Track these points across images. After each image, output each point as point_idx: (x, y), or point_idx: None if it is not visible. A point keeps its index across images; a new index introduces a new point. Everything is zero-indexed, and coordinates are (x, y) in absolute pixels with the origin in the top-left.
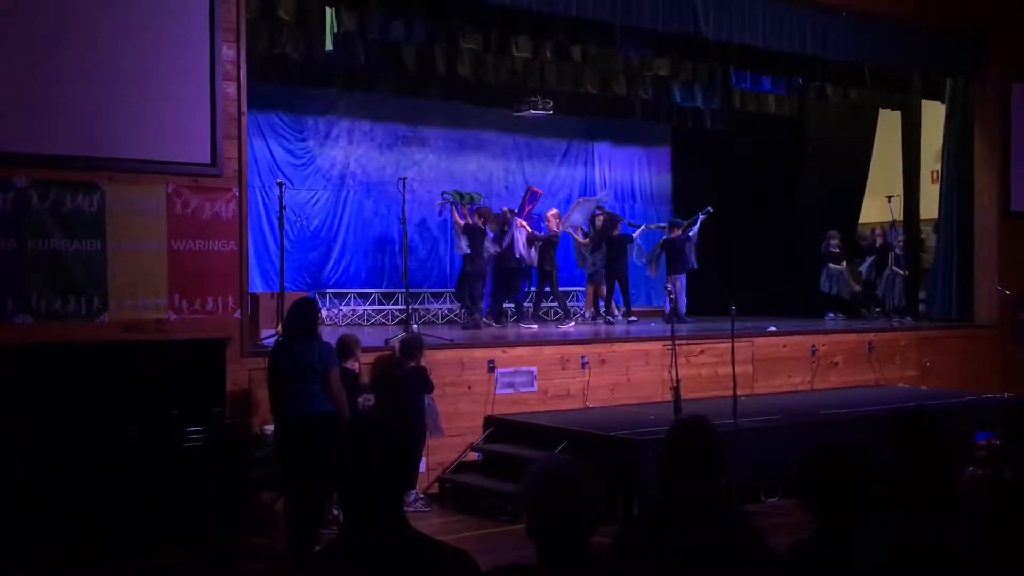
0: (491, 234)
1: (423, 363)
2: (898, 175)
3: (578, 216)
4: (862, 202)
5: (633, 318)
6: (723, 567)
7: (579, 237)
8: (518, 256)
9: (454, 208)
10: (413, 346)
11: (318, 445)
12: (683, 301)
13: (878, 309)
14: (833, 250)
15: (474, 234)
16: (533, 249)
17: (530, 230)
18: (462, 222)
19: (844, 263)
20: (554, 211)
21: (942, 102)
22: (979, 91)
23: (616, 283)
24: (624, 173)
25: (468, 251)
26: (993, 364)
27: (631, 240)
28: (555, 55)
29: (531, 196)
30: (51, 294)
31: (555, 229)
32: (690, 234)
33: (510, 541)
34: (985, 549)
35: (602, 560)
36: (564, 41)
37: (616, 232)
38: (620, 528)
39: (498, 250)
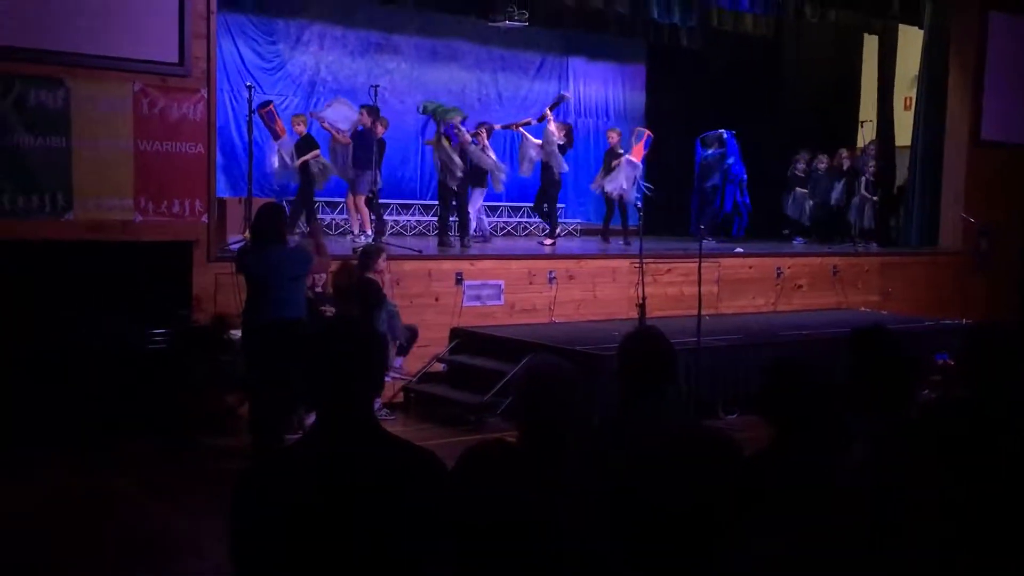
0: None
1: (376, 274)
2: (873, 100)
3: (332, 115)
4: (844, 126)
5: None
6: (678, 465)
7: (336, 133)
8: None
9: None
10: (367, 256)
11: (286, 350)
12: (474, 221)
13: (850, 238)
14: (799, 174)
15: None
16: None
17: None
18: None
19: (809, 187)
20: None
21: (920, 27)
22: (957, 18)
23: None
24: (598, 90)
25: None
26: (953, 291)
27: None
28: None
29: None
30: (14, 190)
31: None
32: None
33: None
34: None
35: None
36: None
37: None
38: (579, 438)
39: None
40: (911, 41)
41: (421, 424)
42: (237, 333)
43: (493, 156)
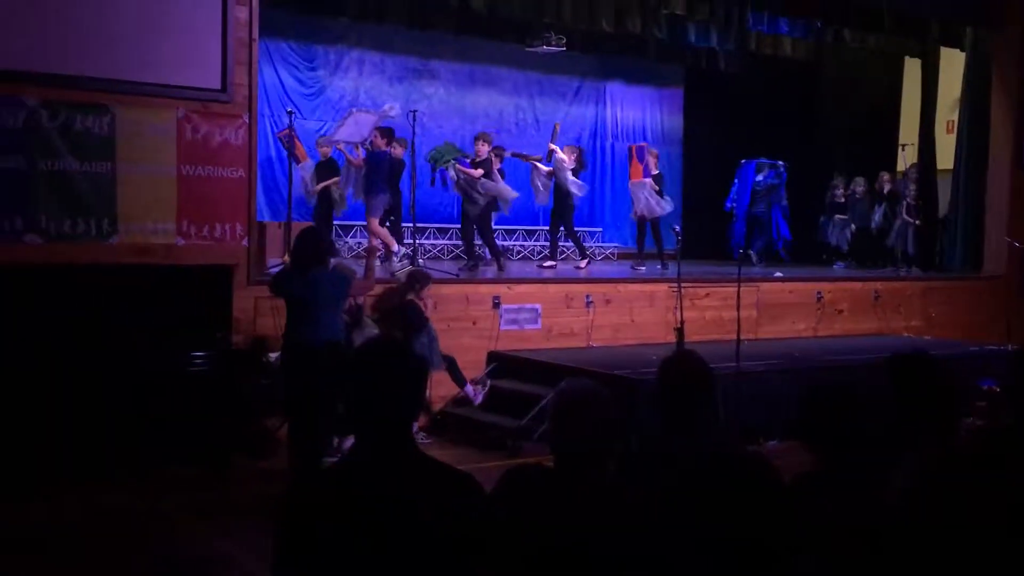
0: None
1: (419, 299)
2: (914, 124)
3: (350, 130)
4: (884, 150)
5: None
6: (715, 492)
7: (350, 155)
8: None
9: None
10: (415, 280)
11: (325, 372)
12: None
13: (892, 262)
14: (838, 200)
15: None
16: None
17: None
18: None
19: (849, 213)
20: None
21: (962, 50)
22: (999, 40)
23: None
24: (636, 114)
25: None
26: (998, 316)
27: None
28: None
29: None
30: (60, 215)
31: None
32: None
33: None
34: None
35: (612, 483)
36: None
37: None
38: (618, 463)
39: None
40: (953, 64)
41: (456, 448)
42: (276, 355)
43: (502, 182)
